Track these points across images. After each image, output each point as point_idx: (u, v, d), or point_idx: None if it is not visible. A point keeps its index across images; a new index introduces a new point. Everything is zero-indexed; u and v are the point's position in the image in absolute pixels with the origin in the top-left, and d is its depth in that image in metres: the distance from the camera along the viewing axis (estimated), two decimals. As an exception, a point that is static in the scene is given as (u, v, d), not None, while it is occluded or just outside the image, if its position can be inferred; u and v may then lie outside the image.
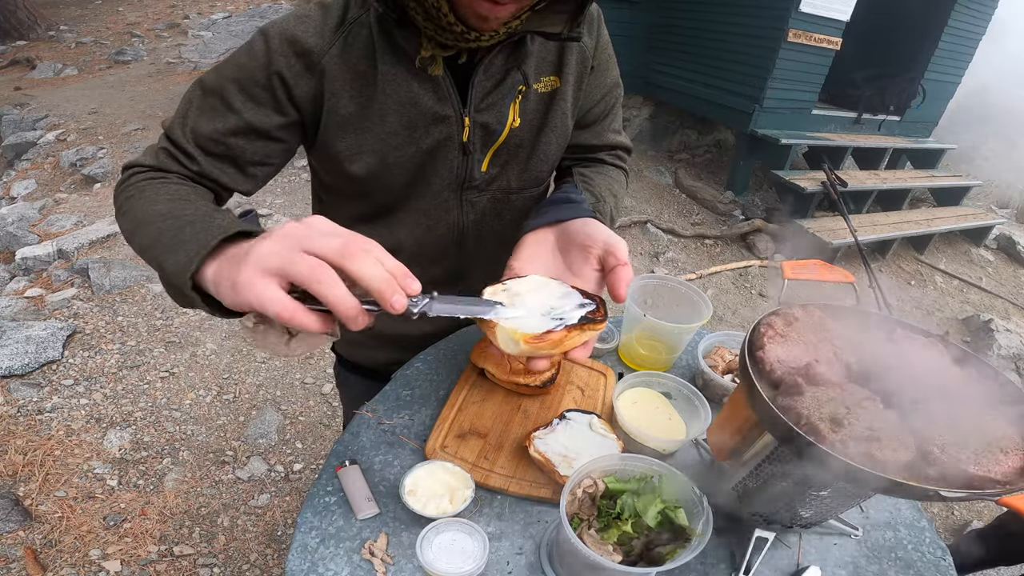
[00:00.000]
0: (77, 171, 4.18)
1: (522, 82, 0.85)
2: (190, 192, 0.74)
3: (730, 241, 4.66)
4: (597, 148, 1.03)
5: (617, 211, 0.96)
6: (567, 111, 0.91)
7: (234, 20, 7.63)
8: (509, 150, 0.90)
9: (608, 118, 1.01)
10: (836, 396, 0.59)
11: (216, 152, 0.79)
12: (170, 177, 0.77)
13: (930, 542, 0.79)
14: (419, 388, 0.94)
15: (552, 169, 1.00)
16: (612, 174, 1.00)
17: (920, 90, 5.59)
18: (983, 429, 0.56)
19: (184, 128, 0.78)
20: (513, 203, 0.97)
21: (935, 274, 4.92)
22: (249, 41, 0.78)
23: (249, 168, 0.83)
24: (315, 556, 0.67)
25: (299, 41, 0.76)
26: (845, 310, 0.74)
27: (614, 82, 0.98)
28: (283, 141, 0.83)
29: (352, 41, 0.78)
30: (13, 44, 6.84)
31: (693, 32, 5.28)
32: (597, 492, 0.68)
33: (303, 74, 0.78)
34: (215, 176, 0.80)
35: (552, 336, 0.58)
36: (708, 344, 1.04)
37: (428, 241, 0.96)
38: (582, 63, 0.90)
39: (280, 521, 2.04)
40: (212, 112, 0.78)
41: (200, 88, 0.79)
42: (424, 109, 0.82)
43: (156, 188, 0.73)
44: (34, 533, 1.83)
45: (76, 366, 2.47)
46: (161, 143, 0.79)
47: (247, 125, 0.78)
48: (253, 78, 0.77)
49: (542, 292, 0.65)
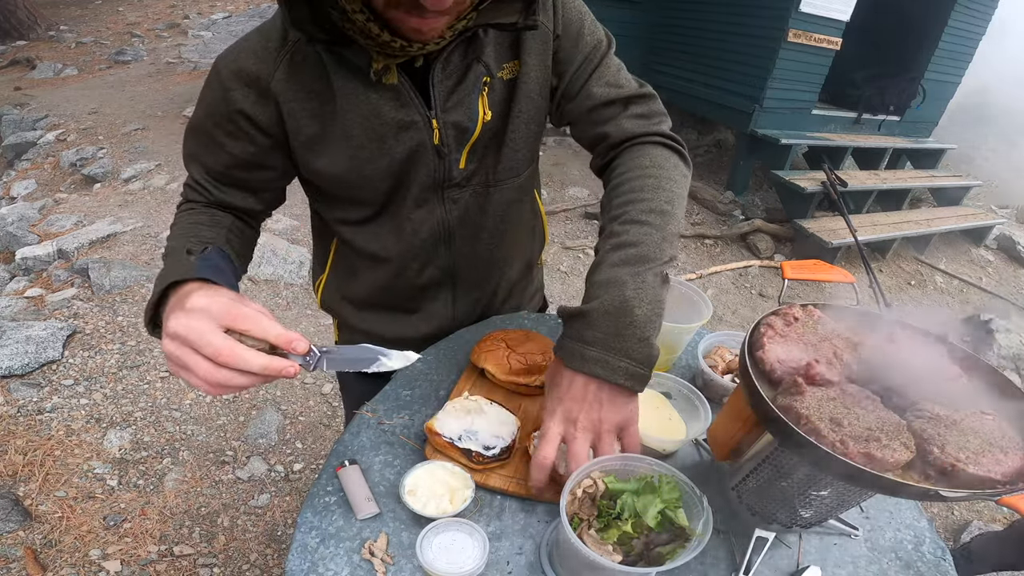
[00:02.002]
0: (77, 171, 4.18)
1: (486, 73, 0.82)
2: (199, 221, 0.81)
3: (730, 241, 4.66)
4: (595, 111, 0.88)
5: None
6: (532, 93, 0.87)
7: (234, 20, 7.63)
8: (484, 143, 0.89)
9: (594, 75, 0.87)
10: (836, 396, 0.59)
11: (225, 182, 0.85)
12: (196, 207, 0.85)
13: (930, 542, 0.79)
14: (419, 388, 0.94)
15: (528, 156, 0.95)
16: (640, 190, 0.78)
17: (920, 90, 5.59)
18: (983, 429, 0.56)
19: (195, 164, 0.85)
20: (494, 195, 0.95)
21: (935, 274, 4.92)
22: (208, 78, 0.80)
23: (260, 193, 0.89)
24: (315, 556, 0.67)
25: (244, 70, 0.76)
26: (845, 310, 0.74)
27: (596, 41, 0.87)
28: (273, 168, 0.86)
29: (299, 60, 0.76)
30: (13, 44, 6.84)
31: (693, 32, 5.28)
32: (597, 492, 0.68)
33: (259, 101, 0.78)
34: (230, 202, 0.86)
35: (436, 440, 0.78)
36: (708, 344, 1.04)
37: (415, 243, 0.95)
38: (542, 39, 0.84)
39: (280, 521, 2.04)
40: (207, 149, 0.83)
41: (191, 126, 0.84)
42: (388, 119, 0.80)
43: (179, 221, 0.82)
44: (34, 533, 1.83)
45: (76, 366, 2.47)
46: (186, 179, 0.87)
47: (236, 158, 0.82)
48: (221, 113, 0.79)
49: (494, 421, 0.81)
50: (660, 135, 0.88)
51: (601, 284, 0.69)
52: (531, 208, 1.09)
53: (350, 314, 1.10)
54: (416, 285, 1.02)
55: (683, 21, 5.35)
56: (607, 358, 0.67)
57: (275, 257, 3.29)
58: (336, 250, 1.05)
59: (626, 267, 0.70)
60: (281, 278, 3.25)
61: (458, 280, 1.04)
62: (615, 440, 0.70)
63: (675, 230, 0.76)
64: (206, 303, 0.58)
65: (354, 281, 1.05)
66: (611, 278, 0.69)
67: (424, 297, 1.06)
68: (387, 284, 1.02)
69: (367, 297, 1.07)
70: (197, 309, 0.58)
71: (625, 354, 0.67)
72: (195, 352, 0.56)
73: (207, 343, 0.56)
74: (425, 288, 1.04)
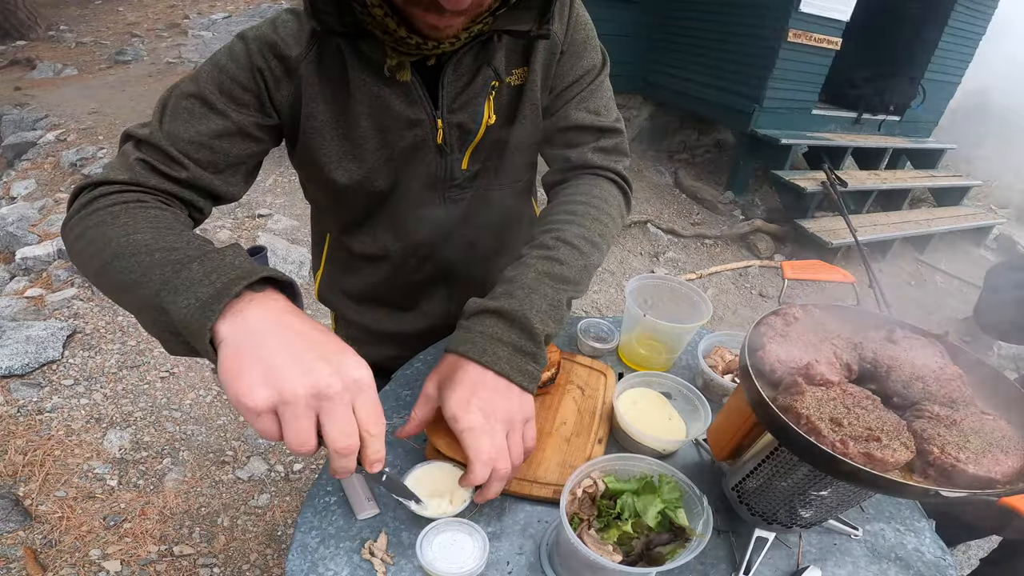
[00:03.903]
0: (77, 171, 4.18)
1: (494, 78, 0.83)
2: (173, 220, 0.68)
3: (730, 241, 4.66)
4: (567, 132, 0.91)
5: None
6: (536, 101, 0.88)
7: (234, 20, 7.63)
8: (488, 147, 0.89)
9: (577, 98, 0.90)
10: (836, 396, 0.59)
11: (199, 157, 0.75)
12: (147, 200, 0.69)
13: (930, 542, 0.79)
14: (419, 388, 0.93)
15: (530, 162, 0.97)
16: (583, 216, 0.82)
17: (920, 90, 5.59)
18: (983, 429, 0.56)
19: (163, 134, 0.73)
20: (496, 199, 0.96)
21: (935, 274, 4.92)
22: (228, 45, 0.77)
23: (231, 171, 0.79)
24: (315, 556, 0.67)
25: (278, 46, 0.76)
26: (845, 310, 0.74)
27: (591, 65, 0.90)
28: (262, 142, 0.82)
29: (324, 48, 0.78)
30: (13, 44, 6.83)
31: (693, 32, 5.28)
32: (597, 492, 0.68)
33: (282, 78, 0.78)
34: (203, 183, 0.75)
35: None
36: (708, 344, 1.04)
37: (415, 241, 0.96)
38: (550, 49, 0.86)
39: (280, 521, 2.04)
40: (190, 116, 0.74)
41: (177, 93, 0.76)
42: (396, 114, 0.81)
43: (133, 214, 0.65)
44: (34, 533, 1.83)
45: (76, 366, 2.47)
46: (136, 153, 0.72)
47: (233, 126, 0.76)
48: (235, 79, 0.75)
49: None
50: (616, 172, 0.93)
51: (522, 286, 0.72)
52: (529, 215, 1.11)
53: (347, 308, 1.12)
54: (413, 282, 1.03)
55: (683, 21, 5.35)
56: (516, 359, 0.69)
57: (275, 257, 3.29)
58: (333, 245, 1.06)
59: (549, 281, 0.73)
60: (281, 278, 3.26)
61: (455, 279, 1.05)
62: None
63: (596, 263, 0.81)
64: (356, 361, 0.53)
65: (351, 276, 1.07)
66: (533, 286, 0.72)
67: (421, 294, 1.07)
68: (384, 280, 1.03)
69: (363, 292, 1.08)
70: (352, 367, 0.52)
71: (533, 359, 0.70)
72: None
73: (380, 422, 0.54)
74: (422, 285, 1.05)
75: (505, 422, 0.67)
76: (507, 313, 0.69)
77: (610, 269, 4.03)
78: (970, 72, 6.06)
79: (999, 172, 7.15)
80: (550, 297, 0.72)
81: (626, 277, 3.92)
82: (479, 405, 0.65)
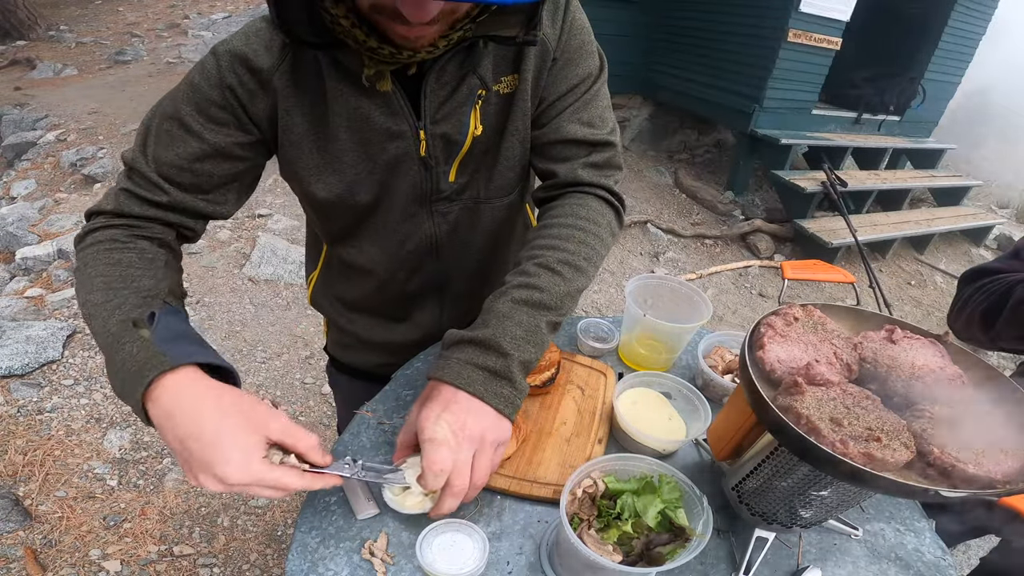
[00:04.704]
0: (77, 171, 4.18)
1: (480, 86, 0.79)
2: (127, 268, 0.71)
3: (730, 241, 4.66)
4: (557, 146, 0.86)
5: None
6: (527, 111, 0.84)
7: (234, 20, 7.63)
8: (476, 158, 0.86)
9: (571, 108, 0.85)
10: (836, 396, 0.59)
11: (182, 180, 0.76)
12: (118, 239, 0.74)
13: (930, 542, 0.79)
14: (419, 388, 0.94)
15: (520, 174, 0.92)
16: (567, 239, 0.79)
17: (920, 90, 5.59)
18: (983, 429, 0.56)
19: (146, 158, 0.75)
20: (485, 211, 0.93)
21: (935, 274, 4.92)
22: (201, 61, 0.76)
23: (219, 191, 0.80)
24: (315, 556, 0.67)
25: (249, 59, 0.73)
26: (845, 310, 0.74)
27: (587, 73, 0.85)
28: (247, 160, 0.80)
29: (299, 58, 0.75)
30: (13, 44, 6.83)
31: (693, 32, 5.28)
32: (597, 492, 0.68)
33: (256, 91, 0.75)
34: (188, 205, 0.77)
35: None
36: (708, 344, 1.04)
37: (402, 254, 0.94)
38: (542, 56, 0.81)
39: (280, 521, 2.04)
40: (171, 139, 0.75)
41: (160, 114, 0.76)
42: (376, 126, 0.78)
43: (98, 261, 0.72)
44: (34, 533, 1.83)
45: (76, 366, 2.47)
46: (122, 183, 0.76)
47: (210, 147, 0.75)
48: (208, 98, 0.74)
49: None
50: (606, 189, 0.88)
51: (497, 315, 0.71)
52: (523, 223, 1.08)
53: (339, 315, 1.10)
54: (404, 293, 1.02)
55: (683, 21, 5.35)
56: (491, 383, 0.68)
57: (275, 257, 3.29)
58: (329, 251, 1.05)
59: (525, 308, 0.72)
60: (281, 278, 3.25)
61: (447, 290, 1.03)
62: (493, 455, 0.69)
63: (581, 286, 0.79)
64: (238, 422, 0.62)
65: (343, 284, 1.05)
66: (508, 313, 0.71)
67: (412, 306, 1.05)
68: (375, 291, 1.01)
69: (356, 300, 1.06)
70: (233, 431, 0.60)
71: (510, 383, 0.69)
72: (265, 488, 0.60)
73: (283, 485, 0.60)
74: (413, 297, 1.03)
75: (474, 440, 0.65)
76: (481, 340, 0.69)
77: (610, 269, 4.04)
78: (970, 72, 6.06)
79: (999, 172, 7.15)
80: (525, 323, 0.71)
81: (626, 277, 3.92)
82: (448, 420, 0.65)
